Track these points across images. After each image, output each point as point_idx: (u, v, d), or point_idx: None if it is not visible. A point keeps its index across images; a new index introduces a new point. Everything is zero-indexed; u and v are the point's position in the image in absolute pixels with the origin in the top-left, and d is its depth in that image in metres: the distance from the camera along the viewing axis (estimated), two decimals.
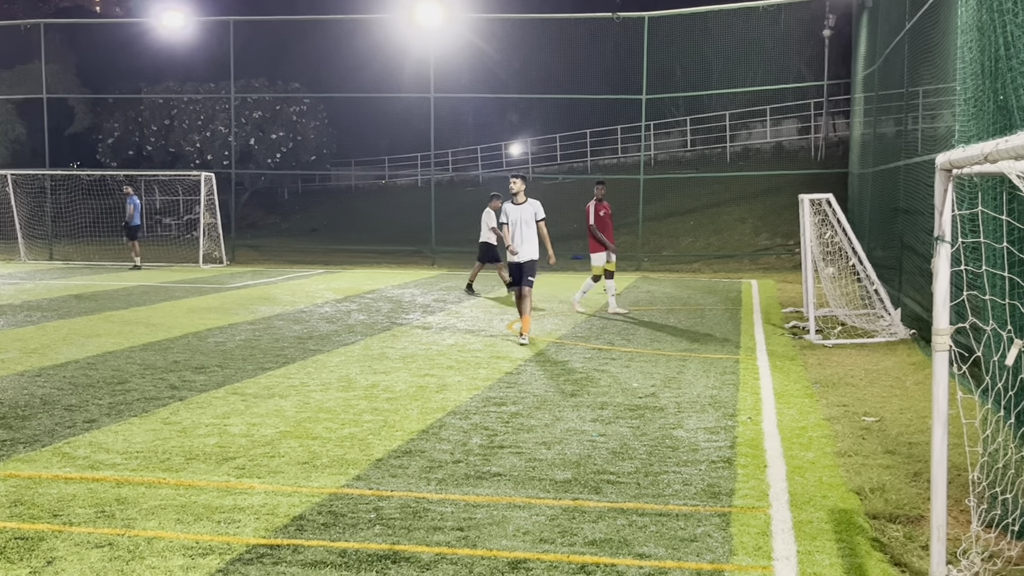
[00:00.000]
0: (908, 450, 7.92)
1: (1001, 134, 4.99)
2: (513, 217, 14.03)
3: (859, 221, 22.32)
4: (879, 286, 15.55)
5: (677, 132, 44.49)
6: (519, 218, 13.99)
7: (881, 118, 20.54)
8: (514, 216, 14.02)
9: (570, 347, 13.48)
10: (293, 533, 5.90)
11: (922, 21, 14.09)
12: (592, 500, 6.56)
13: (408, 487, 6.84)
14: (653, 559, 5.49)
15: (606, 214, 17.19)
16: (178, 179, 39.47)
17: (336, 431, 8.53)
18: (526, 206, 14.03)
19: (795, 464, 7.50)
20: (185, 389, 10.38)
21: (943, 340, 5.06)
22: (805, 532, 5.95)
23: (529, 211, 14.01)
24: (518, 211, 14.02)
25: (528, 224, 14.01)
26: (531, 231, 14.03)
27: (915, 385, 10.64)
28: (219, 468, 7.32)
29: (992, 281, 5.89)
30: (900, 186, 15.83)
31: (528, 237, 14.00)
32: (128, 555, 5.52)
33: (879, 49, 20.52)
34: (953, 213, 5.10)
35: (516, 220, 14.01)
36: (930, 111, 14.20)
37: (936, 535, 5.14)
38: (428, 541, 5.76)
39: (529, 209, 14.02)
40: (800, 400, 9.97)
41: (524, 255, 14.02)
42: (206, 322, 15.94)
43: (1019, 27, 6.25)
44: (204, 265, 29.54)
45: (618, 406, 9.60)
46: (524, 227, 13.99)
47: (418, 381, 10.93)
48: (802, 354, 12.98)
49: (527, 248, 14.03)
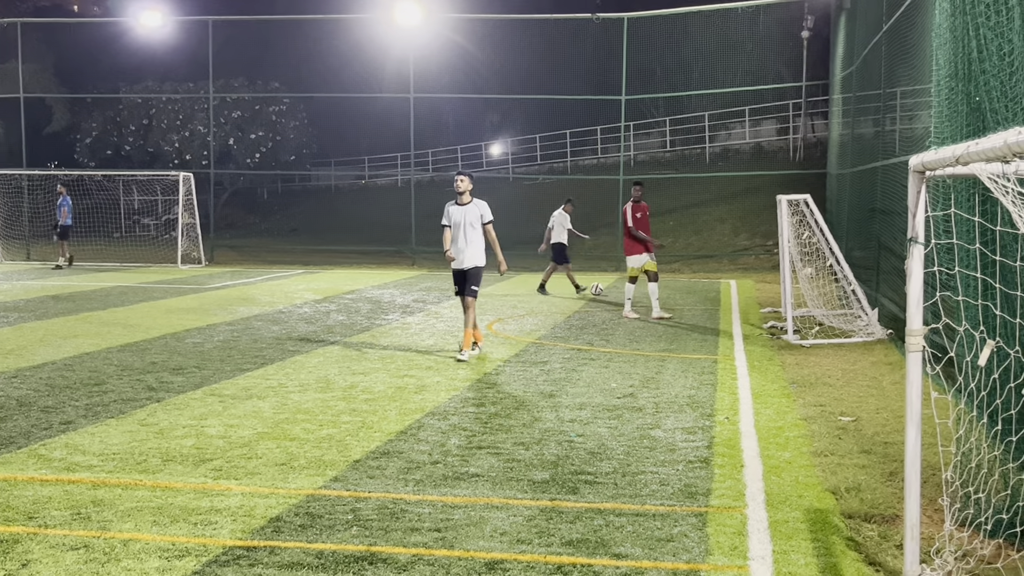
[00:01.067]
0: (884, 450, 7.97)
1: (974, 136, 5.04)
2: (456, 219, 12.80)
3: (837, 222, 22.44)
4: (856, 286, 15.64)
5: (657, 133, 44.60)
6: (463, 220, 12.75)
7: (859, 119, 20.65)
8: (457, 218, 12.80)
9: (549, 348, 13.49)
10: (270, 535, 5.89)
11: (899, 23, 14.18)
12: (569, 500, 6.57)
13: (386, 488, 6.83)
14: (630, 559, 5.51)
15: (643, 216, 16.98)
16: (157, 179, 39.26)
17: (314, 432, 8.51)
18: (471, 207, 12.79)
19: (772, 464, 7.54)
20: (162, 390, 10.34)
21: (916, 341, 5.10)
22: (781, 532, 5.99)
23: (475, 212, 12.77)
24: (462, 212, 12.77)
25: (473, 227, 12.77)
26: (476, 235, 12.80)
27: (892, 385, 10.71)
28: (196, 470, 7.30)
29: (965, 282, 5.95)
30: (878, 187, 15.92)
31: (473, 241, 12.77)
32: (104, 557, 5.50)
33: (857, 50, 20.64)
34: (927, 214, 5.14)
35: (459, 222, 12.78)
36: (907, 112, 14.30)
37: (910, 534, 5.18)
38: (405, 542, 5.76)
39: (474, 210, 12.78)
40: (777, 400, 10.02)
41: (468, 261, 12.78)
42: (184, 323, 15.88)
43: (991, 31, 6.30)
44: (183, 266, 29.42)
45: (596, 406, 9.62)
46: (469, 230, 12.75)
47: (397, 382, 10.92)
48: (780, 354, 13.04)
49: (471, 253, 12.78)
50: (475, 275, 12.90)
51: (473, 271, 12.86)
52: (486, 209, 12.87)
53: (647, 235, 16.91)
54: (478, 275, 12.92)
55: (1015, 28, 6.05)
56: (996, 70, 6.31)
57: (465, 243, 12.77)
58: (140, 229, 45.25)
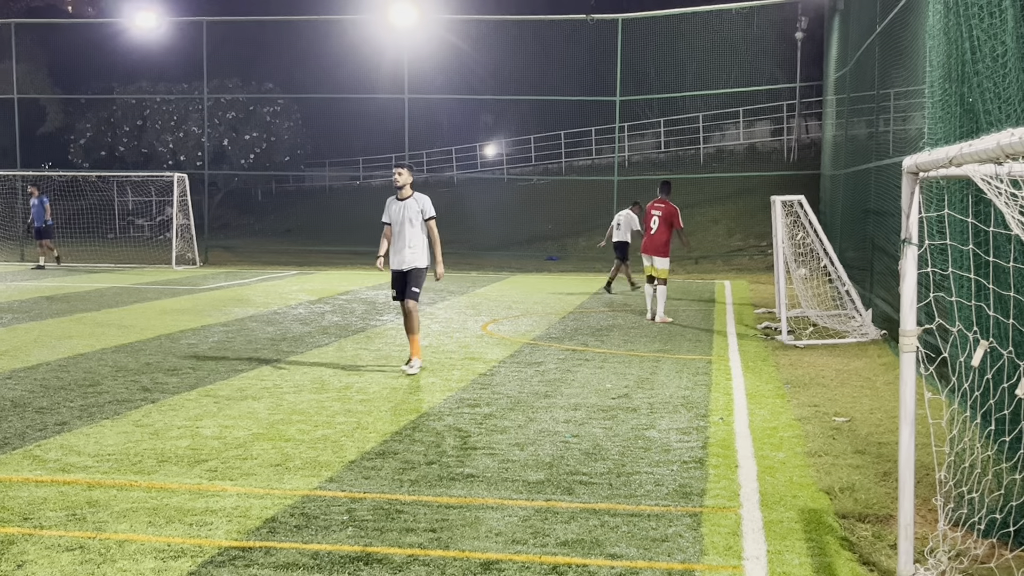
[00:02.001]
0: (878, 450, 7.99)
1: (968, 137, 5.06)
2: (396, 216, 11.71)
3: (831, 222, 22.49)
4: (850, 287, 15.68)
5: (651, 134, 44.65)
6: (403, 217, 11.65)
7: (853, 120, 20.69)
8: (396, 215, 11.70)
9: (544, 348, 13.50)
10: (265, 535, 5.89)
11: (892, 24, 14.21)
12: (564, 501, 6.58)
13: (381, 489, 6.84)
14: (625, 559, 5.52)
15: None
16: (151, 180, 39.25)
17: (309, 433, 8.52)
18: (410, 202, 11.69)
19: (766, 464, 7.56)
20: (157, 391, 10.34)
21: (910, 341, 5.12)
22: (775, 532, 6.00)
23: (414, 208, 11.67)
24: (401, 209, 11.69)
25: (412, 224, 11.66)
26: (416, 233, 11.70)
27: (885, 385, 10.74)
28: (191, 470, 7.30)
29: (959, 283, 5.97)
30: (871, 188, 15.96)
31: (413, 240, 11.66)
32: (99, 558, 5.50)
33: (850, 52, 20.68)
34: (920, 216, 5.16)
35: (399, 220, 11.67)
36: (901, 113, 14.33)
37: (903, 534, 5.20)
38: (401, 543, 5.77)
39: (414, 206, 11.68)
40: (772, 400, 10.04)
41: (407, 262, 11.66)
42: (179, 324, 15.87)
43: (985, 32, 6.32)
44: (177, 266, 29.39)
45: (591, 407, 9.63)
46: (408, 228, 11.64)
47: (392, 383, 10.93)
48: (774, 355, 13.07)
49: (411, 254, 11.66)
50: (415, 277, 11.71)
51: (413, 273, 11.69)
52: (428, 204, 11.74)
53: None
54: (419, 277, 11.74)
55: (1008, 30, 6.07)
56: (989, 71, 6.33)
57: (404, 242, 11.66)
58: (134, 230, 45.21)
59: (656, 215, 16.43)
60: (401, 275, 11.72)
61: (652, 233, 16.49)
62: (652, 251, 16.52)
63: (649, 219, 16.57)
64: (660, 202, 16.54)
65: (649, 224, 16.56)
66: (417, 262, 11.66)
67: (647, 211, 16.68)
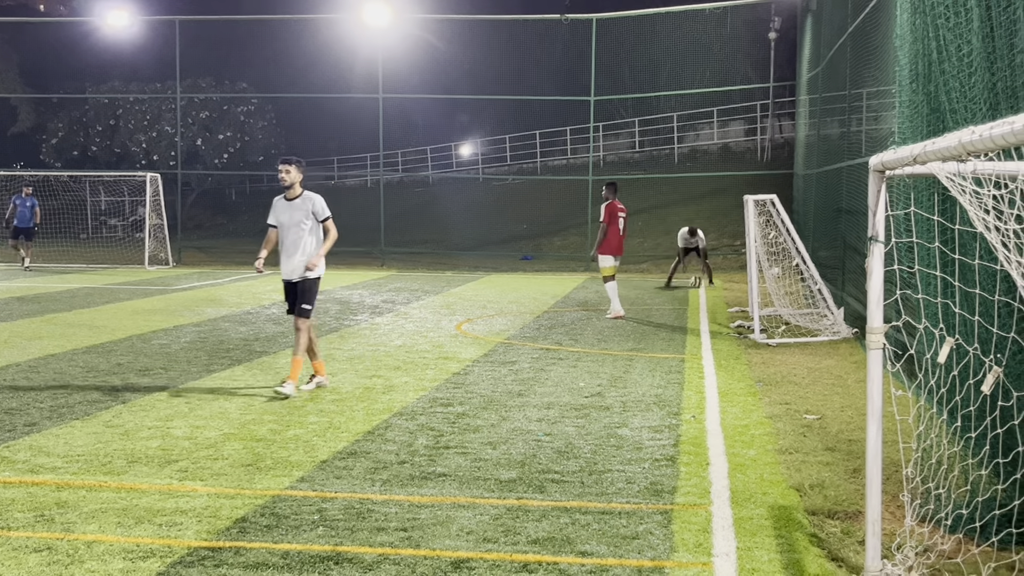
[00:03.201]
0: (848, 447, 8.04)
1: (935, 136, 5.10)
2: (284, 218, 10.27)
3: (803, 221, 22.61)
4: (822, 286, 15.77)
5: (626, 133, 44.75)
6: (292, 220, 10.21)
7: (825, 120, 20.82)
8: (285, 217, 10.26)
9: (518, 347, 13.51)
10: (235, 535, 5.87)
11: (864, 24, 14.31)
12: (536, 499, 6.59)
13: (352, 488, 6.83)
14: (595, 557, 5.54)
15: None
16: (124, 180, 38.98)
17: (281, 433, 8.49)
18: (299, 203, 10.25)
19: (737, 462, 7.59)
20: (128, 392, 10.27)
21: (877, 339, 5.16)
22: (745, 528, 6.03)
23: (305, 210, 10.22)
24: (288, 210, 10.26)
25: (304, 228, 10.21)
26: (307, 238, 10.24)
27: (856, 383, 10.80)
28: (161, 471, 7.26)
29: (925, 280, 6.02)
30: (843, 187, 16.06)
31: (303, 246, 10.22)
32: (67, 559, 5.47)
33: (823, 51, 20.81)
34: (887, 213, 5.20)
35: (288, 223, 10.23)
36: (873, 113, 14.43)
37: (871, 530, 5.23)
38: (371, 542, 5.76)
39: (305, 208, 10.23)
40: (743, 398, 10.09)
41: (296, 270, 10.26)
42: (151, 324, 15.78)
43: (951, 32, 6.38)
44: (150, 267, 29.22)
45: (564, 406, 9.65)
46: (298, 232, 10.19)
47: (364, 382, 10.91)
48: (747, 353, 13.13)
49: (301, 261, 10.23)
50: (307, 291, 10.29)
51: (304, 285, 10.28)
52: (320, 204, 10.30)
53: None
54: (311, 291, 10.31)
55: (973, 29, 6.13)
56: (955, 70, 6.39)
57: (293, 248, 10.24)
58: (107, 230, 44.89)
59: (622, 216, 16.88)
60: (291, 287, 10.37)
61: (622, 234, 16.95)
62: (621, 251, 17.02)
63: (617, 219, 16.84)
64: (620, 203, 16.98)
65: (617, 224, 16.85)
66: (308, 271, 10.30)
67: (613, 212, 16.88)
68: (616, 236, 16.80)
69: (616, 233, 16.78)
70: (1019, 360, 5.48)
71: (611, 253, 16.81)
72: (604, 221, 16.84)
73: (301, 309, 10.27)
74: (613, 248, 16.82)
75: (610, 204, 16.83)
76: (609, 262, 16.81)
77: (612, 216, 16.79)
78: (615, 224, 16.77)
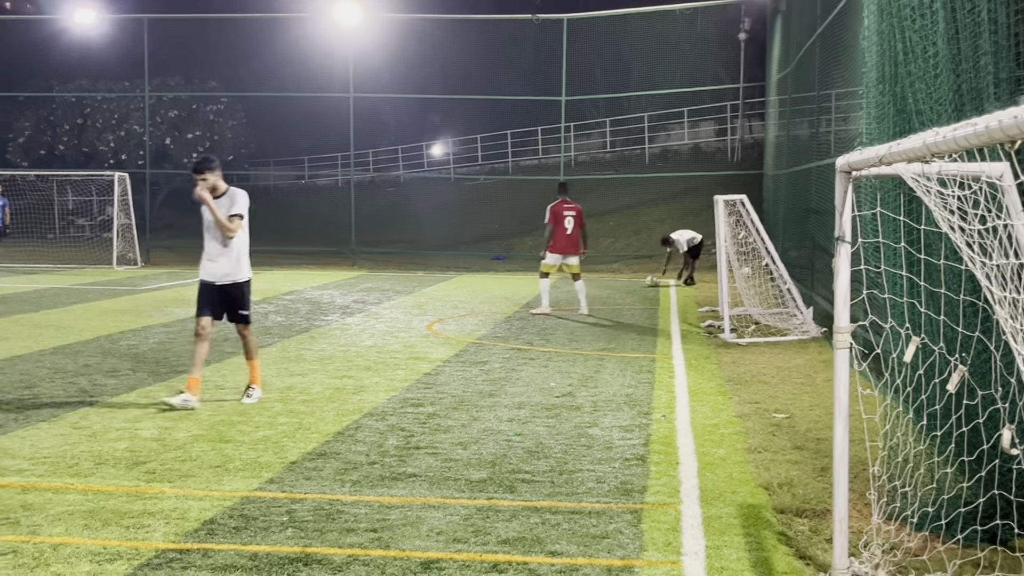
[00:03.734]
0: (816, 446, 8.10)
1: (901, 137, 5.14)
2: (207, 217, 9.67)
3: (773, 221, 22.73)
4: (792, 285, 15.86)
5: (597, 133, 44.83)
6: (211, 220, 9.64)
7: (795, 120, 20.94)
8: (207, 215, 9.65)
9: (489, 347, 13.51)
10: (203, 537, 5.84)
11: (832, 26, 14.40)
12: (506, 499, 6.60)
13: (322, 489, 6.81)
14: (565, 556, 5.54)
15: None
16: (91, 179, 38.61)
17: (250, 434, 8.45)
18: (223, 201, 9.61)
19: (706, 460, 7.63)
20: (96, 393, 10.19)
21: (844, 338, 5.19)
22: (714, 527, 6.06)
23: (226, 206, 9.60)
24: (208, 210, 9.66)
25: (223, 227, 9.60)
26: (233, 239, 9.68)
27: (825, 382, 10.87)
28: (129, 473, 7.21)
29: (892, 280, 6.07)
30: (812, 187, 16.15)
31: (229, 248, 9.69)
32: (33, 562, 5.42)
33: (792, 53, 20.93)
34: (854, 214, 5.23)
35: (209, 222, 9.66)
36: (841, 114, 14.52)
37: (838, 528, 5.27)
38: (341, 543, 5.75)
39: (226, 204, 9.60)
40: (713, 398, 10.13)
41: (224, 274, 9.75)
42: (119, 325, 15.66)
43: (917, 33, 6.43)
44: (118, 267, 29.00)
45: (535, 405, 9.66)
46: (219, 232, 9.62)
47: (335, 383, 10.88)
48: (717, 352, 13.19)
49: (228, 264, 9.74)
50: (241, 297, 9.86)
51: (234, 290, 9.82)
52: (240, 200, 9.68)
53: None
54: (245, 296, 9.88)
55: (939, 32, 6.18)
56: (921, 72, 6.45)
57: (219, 249, 9.72)
58: (74, 230, 44.45)
59: (570, 215, 17.23)
60: (214, 290, 9.76)
61: (568, 233, 17.24)
62: (570, 249, 17.31)
63: (563, 219, 17.22)
64: (568, 203, 17.38)
65: (564, 224, 17.19)
66: (237, 274, 9.80)
67: (558, 212, 17.27)
68: (563, 236, 17.26)
69: (563, 233, 17.24)
70: (984, 359, 5.54)
71: (557, 252, 17.30)
72: (548, 222, 17.31)
73: (241, 316, 9.91)
74: (560, 247, 17.29)
75: (555, 205, 17.32)
76: (551, 260, 17.32)
77: (557, 217, 17.24)
78: (560, 224, 17.21)
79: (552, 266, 17.36)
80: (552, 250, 17.27)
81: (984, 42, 5.73)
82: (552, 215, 17.24)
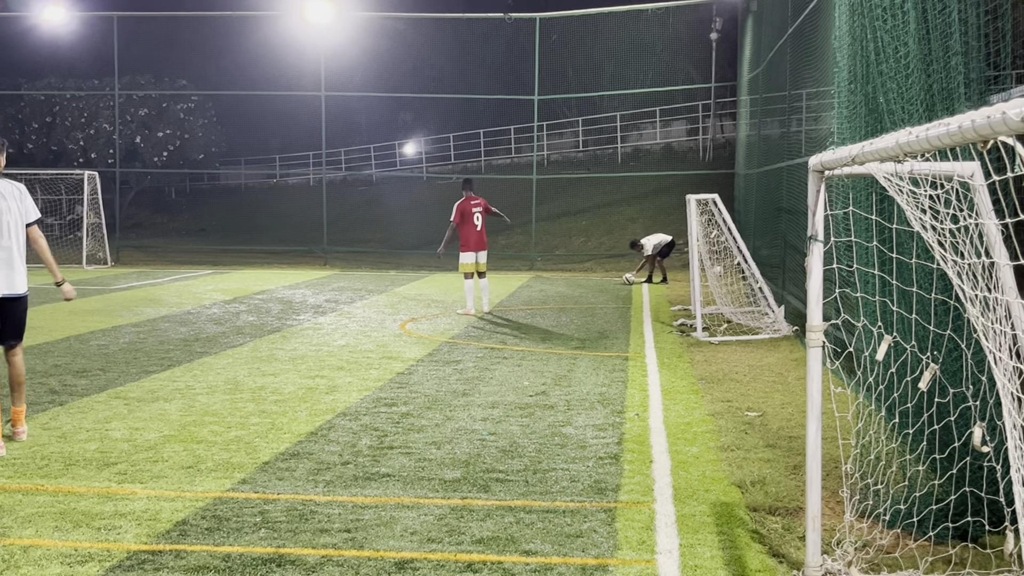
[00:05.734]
0: (788, 444, 8.13)
1: (873, 136, 5.18)
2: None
3: (745, 221, 22.84)
4: (763, 284, 15.94)
5: (569, 133, 44.86)
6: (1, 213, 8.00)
7: (766, 120, 21.04)
8: None
9: (463, 347, 13.49)
10: (175, 538, 5.79)
11: (803, 26, 14.48)
12: (480, 499, 6.58)
13: (295, 490, 6.77)
14: (539, 555, 5.54)
15: None
16: (60, 178, 38.27)
17: (222, 434, 8.39)
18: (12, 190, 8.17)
19: (680, 459, 7.64)
20: (65, 394, 10.10)
21: (816, 336, 5.22)
22: (688, 525, 6.08)
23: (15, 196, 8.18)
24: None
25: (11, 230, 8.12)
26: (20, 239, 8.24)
27: (796, 380, 10.93)
28: (100, 474, 7.14)
29: (864, 279, 6.10)
30: (784, 186, 16.24)
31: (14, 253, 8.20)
32: (2, 565, 5.36)
33: (763, 52, 21.02)
34: (827, 213, 5.26)
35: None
36: (812, 113, 14.60)
37: (811, 526, 5.29)
38: (314, 543, 5.72)
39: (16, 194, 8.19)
40: (686, 396, 10.16)
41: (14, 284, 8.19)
42: (88, 325, 15.52)
43: (888, 34, 6.47)
44: (88, 266, 28.76)
45: (508, 405, 9.65)
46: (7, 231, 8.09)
47: (307, 383, 10.82)
48: (689, 351, 13.23)
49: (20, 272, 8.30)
50: (23, 312, 8.30)
51: (20, 304, 8.25)
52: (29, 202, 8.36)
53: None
54: (22, 312, 8.29)
55: (910, 31, 6.23)
56: (893, 72, 6.49)
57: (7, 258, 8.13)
58: (43, 229, 44.03)
59: (477, 212, 17.10)
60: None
61: (479, 229, 17.13)
62: (481, 246, 17.22)
63: (472, 216, 17.06)
64: (474, 199, 17.23)
65: (473, 221, 17.06)
66: (24, 285, 8.34)
67: (465, 210, 17.10)
68: (473, 232, 17.10)
69: (473, 230, 17.08)
70: (955, 357, 5.58)
71: (471, 250, 17.15)
72: (454, 220, 17.16)
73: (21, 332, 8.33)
74: (472, 245, 17.14)
75: (461, 203, 17.14)
76: (467, 259, 17.17)
77: (465, 215, 17.07)
78: (470, 222, 17.05)
79: (471, 265, 17.17)
80: (465, 249, 17.10)
81: (955, 42, 5.78)
82: (459, 213, 17.04)
